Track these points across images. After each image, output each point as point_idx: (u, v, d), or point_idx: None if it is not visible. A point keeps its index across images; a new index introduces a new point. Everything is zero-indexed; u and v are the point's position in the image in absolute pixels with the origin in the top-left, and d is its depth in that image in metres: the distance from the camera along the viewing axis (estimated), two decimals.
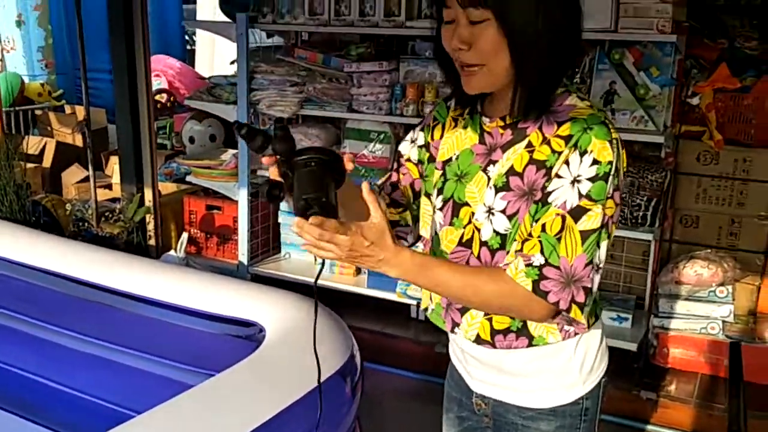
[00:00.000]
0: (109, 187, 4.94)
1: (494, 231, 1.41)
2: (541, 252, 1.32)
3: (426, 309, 1.61)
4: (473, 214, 1.44)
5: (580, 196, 1.31)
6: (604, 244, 1.34)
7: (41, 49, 7.86)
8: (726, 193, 3.48)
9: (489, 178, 1.42)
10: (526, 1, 1.27)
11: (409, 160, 1.59)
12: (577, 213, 1.31)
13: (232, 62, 4.11)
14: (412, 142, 1.60)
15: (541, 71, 1.33)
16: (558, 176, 1.33)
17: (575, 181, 1.31)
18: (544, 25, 1.29)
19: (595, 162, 1.30)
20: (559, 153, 1.33)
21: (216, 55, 8.28)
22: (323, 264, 1.35)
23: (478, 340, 1.48)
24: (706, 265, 3.29)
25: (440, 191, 1.51)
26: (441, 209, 1.50)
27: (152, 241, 3.83)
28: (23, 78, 7.29)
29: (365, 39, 3.93)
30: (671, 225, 3.57)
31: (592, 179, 1.30)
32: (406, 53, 3.82)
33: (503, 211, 1.39)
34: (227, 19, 4.14)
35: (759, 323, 3.36)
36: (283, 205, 4.06)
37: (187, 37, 9.92)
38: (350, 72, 3.72)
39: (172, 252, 3.65)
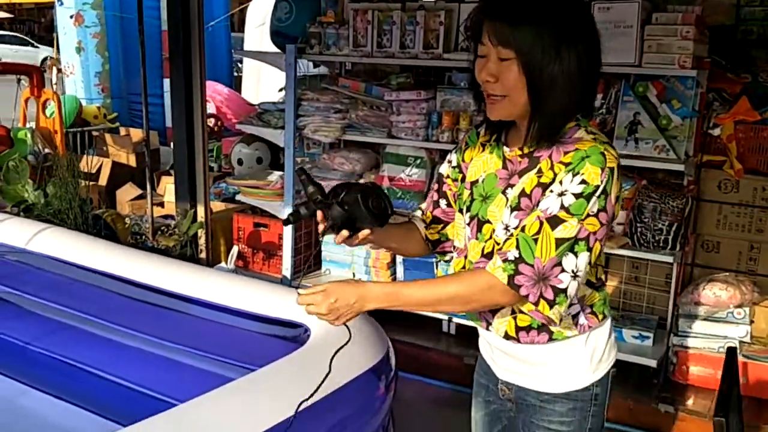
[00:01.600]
0: (161, 204, 5.24)
1: None
2: (517, 247, 1.53)
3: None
4: (494, 230, 1.67)
5: (561, 207, 1.52)
6: (583, 255, 1.53)
7: (98, 75, 8.28)
8: (746, 219, 3.63)
9: (507, 200, 1.65)
10: (546, 48, 1.51)
11: (449, 177, 1.84)
12: (554, 222, 1.52)
13: (281, 90, 4.37)
14: (449, 162, 1.86)
15: (555, 107, 1.55)
16: (551, 191, 1.55)
17: (561, 194, 1.53)
18: (560, 70, 1.51)
19: (583, 182, 1.52)
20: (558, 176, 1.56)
21: (262, 82, 8.60)
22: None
23: (506, 336, 1.70)
24: (724, 287, 3.44)
25: (468, 209, 1.74)
26: (468, 224, 1.74)
27: (203, 254, 4.09)
28: (81, 101, 7.71)
29: (405, 69, 4.17)
30: (693, 249, 3.72)
31: (576, 195, 1.52)
32: (443, 83, 4.04)
33: (516, 228, 1.60)
34: (275, 49, 4.41)
35: None
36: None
37: (234, 64, 10.29)
38: (390, 100, 3.95)
39: (222, 264, 3.90)
